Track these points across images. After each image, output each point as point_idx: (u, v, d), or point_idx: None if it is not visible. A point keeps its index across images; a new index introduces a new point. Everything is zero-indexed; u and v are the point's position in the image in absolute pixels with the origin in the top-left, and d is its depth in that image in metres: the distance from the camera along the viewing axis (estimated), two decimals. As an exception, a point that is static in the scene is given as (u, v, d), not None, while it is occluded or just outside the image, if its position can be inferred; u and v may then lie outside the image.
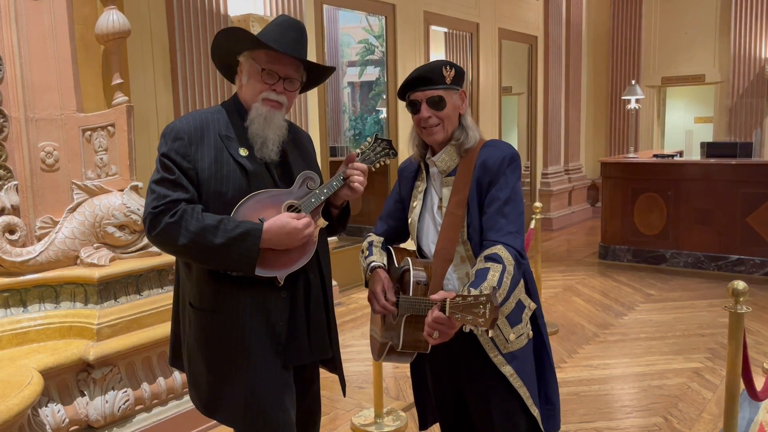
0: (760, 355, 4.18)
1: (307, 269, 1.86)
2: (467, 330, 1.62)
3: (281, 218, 1.75)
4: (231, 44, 1.86)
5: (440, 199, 1.96)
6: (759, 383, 2.93)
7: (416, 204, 2.03)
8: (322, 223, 1.90)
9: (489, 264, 1.74)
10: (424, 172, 2.04)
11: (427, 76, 1.90)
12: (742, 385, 2.55)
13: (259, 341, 1.81)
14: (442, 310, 1.61)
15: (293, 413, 1.88)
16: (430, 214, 1.99)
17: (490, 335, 1.87)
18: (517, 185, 1.89)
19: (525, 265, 1.88)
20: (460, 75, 1.95)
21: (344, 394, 2.11)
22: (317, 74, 1.99)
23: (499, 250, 1.77)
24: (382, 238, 2.15)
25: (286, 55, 1.80)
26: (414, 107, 1.93)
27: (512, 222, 1.83)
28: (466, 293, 1.62)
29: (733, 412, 2.49)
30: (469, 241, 1.89)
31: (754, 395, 2.76)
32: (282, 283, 1.80)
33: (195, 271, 1.83)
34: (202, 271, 1.81)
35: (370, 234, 2.18)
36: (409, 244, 2.13)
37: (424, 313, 1.77)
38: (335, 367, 2.04)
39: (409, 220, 2.06)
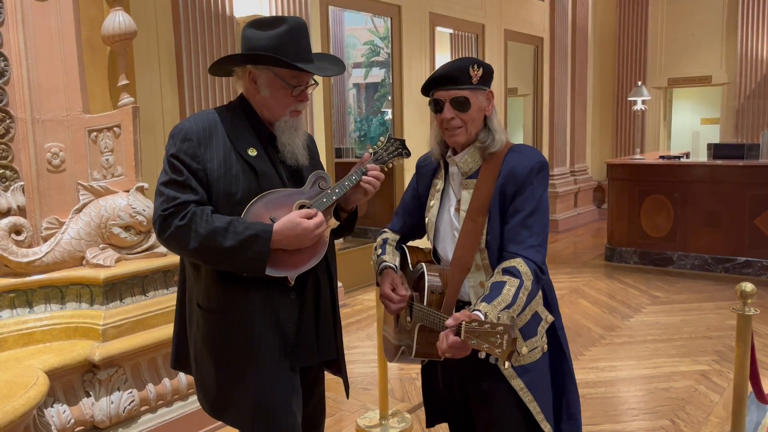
0: (768, 357, 4.16)
1: (317, 269, 1.85)
2: (482, 357, 1.53)
3: (292, 218, 1.73)
4: (253, 61, 1.81)
5: (458, 201, 1.90)
6: (767, 386, 2.91)
7: (433, 203, 1.97)
8: (333, 223, 1.88)
9: (506, 278, 1.68)
10: (443, 170, 1.98)
11: (453, 75, 1.81)
12: (750, 388, 2.54)
13: (268, 342, 1.80)
14: (457, 333, 1.54)
15: (299, 416, 1.88)
16: (447, 215, 1.93)
17: (506, 367, 1.82)
18: (543, 196, 1.81)
19: (545, 279, 1.81)
20: (488, 74, 1.87)
21: (347, 396, 2.11)
22: None
23: (518, 263, 1.71)
24: (397, 236, 2.09)
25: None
26: (437, 106, 1.86)
27: (535, 235, 1.76)
28: (481, 313, 1.58)
29: (741, 415, 2.47)
30: (487, 249, 1.82)
31: (762, 398, 2.75)
32: (293, 283, 1.79)
33: (203, 271, 1.82)
34: (211, 272, 1.80)
35: (385, 230, 2.12)
36: (424, 241, 2.10)
37: (437, 327, 1.73)
38: (339, 369, 2.03)
39: (426, 220, 2.01)
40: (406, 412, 3.51)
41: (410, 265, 1.99)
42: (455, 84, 1.82)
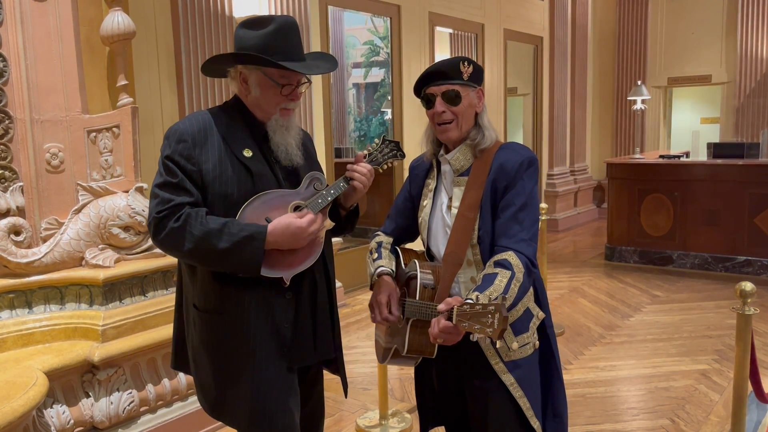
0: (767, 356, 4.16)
1: (314, 270, 1.85)
2: (474, 339, 1.58)
3: (285, 219, 1.74)
4: (240, 61, 1.82)
5: (450, 199, 1.92)
6: (767, 385, 2.91)
7: (426, 203, 2.00)
8: (329, 224, 1.88)
9: (497, 269, 1.71)
10: (435, 169, 2.00)
11: (444, 71, 1.86)
12: (750, 387, 2.53)
13: (264, 342, 1.80)
14: (449, 318, 1.57)
15: (297, 416, 1.87)
16: (440, 213, 1.95)
17: (498, 345, 1.83)
18: (533, 191, 1.84)
19: (536, 274, 1.84)
20: (478, 72, 1.91)
21: (345, 395, 2.10)
22: None
23: (510, 256, 1.73)
24: (391, 239, 2.11)
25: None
26: (428, 102, 1.89)
27: (526, 229, 1.79)
28: (473, 300, 1.59)
29: (741, 414, 2.47)
30: (478, 245, 1.85)
31: (762, 397, 2.74)
32: (288, 283, 1.79)
33: (199, 272, 1.82)
34: (207, 273, 1.80)
35: (379, 233, 2.14)
36: (417, 244, 2.11)
37: (429, 317, 1.74)
38: (337, 368, 2.03)
39: (420, 219, 2.03)
40: (406, 411, 3.51)
41: (403, 264, 2.01)
42: (446, 79, 1.86)
